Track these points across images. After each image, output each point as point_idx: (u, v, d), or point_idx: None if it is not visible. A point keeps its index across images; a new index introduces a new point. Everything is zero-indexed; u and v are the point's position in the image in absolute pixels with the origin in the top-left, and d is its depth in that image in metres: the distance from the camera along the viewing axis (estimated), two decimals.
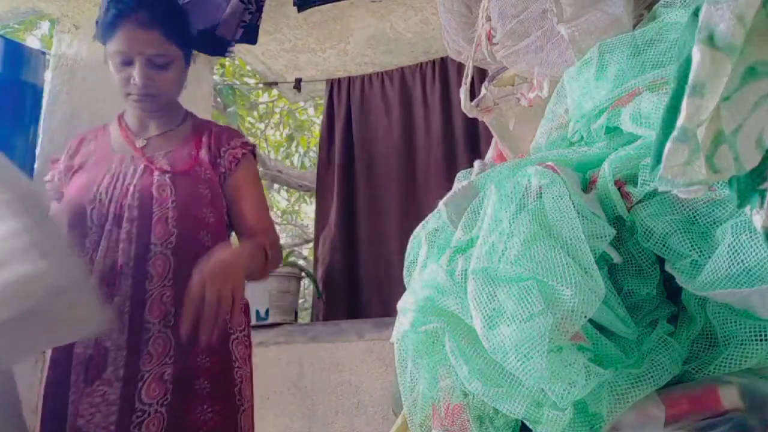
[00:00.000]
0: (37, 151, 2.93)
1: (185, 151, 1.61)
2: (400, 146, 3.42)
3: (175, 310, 1.44)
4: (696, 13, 0.67)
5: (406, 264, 1.06)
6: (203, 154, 1.61)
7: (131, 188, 1.52)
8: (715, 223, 0.79)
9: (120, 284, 1.45)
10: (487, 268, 0.81)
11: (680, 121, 0.63)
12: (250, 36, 2.46)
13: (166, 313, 1.45)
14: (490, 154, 1.61)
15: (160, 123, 1.65)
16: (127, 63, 1.53)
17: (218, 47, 2.46)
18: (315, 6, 2.47)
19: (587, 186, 0.92)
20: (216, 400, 1.46)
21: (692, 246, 0.79)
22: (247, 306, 1.64)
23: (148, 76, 1.53)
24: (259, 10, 2.45)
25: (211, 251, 1.43)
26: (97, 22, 1.60)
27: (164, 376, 1.41)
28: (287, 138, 5.66)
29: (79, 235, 1.50)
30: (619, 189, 0.87)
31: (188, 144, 1.63)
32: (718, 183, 0.76)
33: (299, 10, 2.46)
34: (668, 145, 0.64)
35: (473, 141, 3.23)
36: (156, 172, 1.54)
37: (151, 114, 1.62)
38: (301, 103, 5.27)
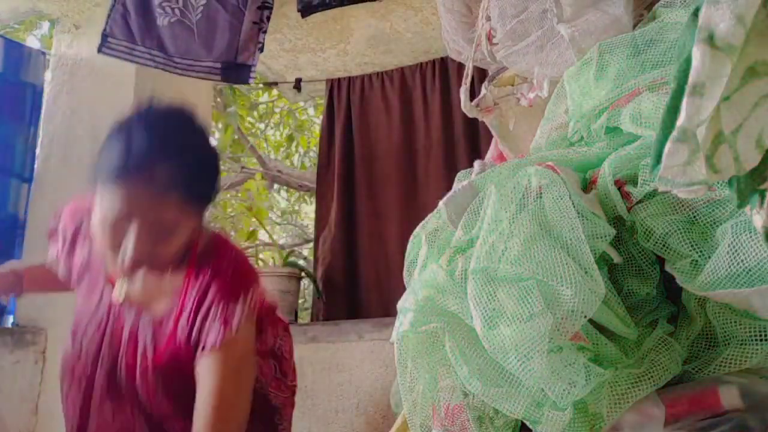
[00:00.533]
0: (37, 151, 2.93)
1: (169, 327, 1.28)
2: (400, 146, 3.42)
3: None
4: (696, 13, 0.67)
5: (406, 264, 1.06)
6: (183, 323, 1.27)
7: (119, 373, 1.30)
8: (715, 223, 0.79)
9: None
10: (487, 268, 0.81)
11: (680, 121, 0.63)
12: (261, 48, 2.50)
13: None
14: (490, 154, 1.61)
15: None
16: (114, 222, 1.21)
17: (242, 74, 2.49)
18: (318, 11, 2.48)
19: (587, 186, 0.92)
20: None
21: (692, 246, 0.79)
22: (294, 385, 1.53)
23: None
24: (267, 21, 2.49)
25: None
26: None
27: None
28: (287, 138, 5.65)
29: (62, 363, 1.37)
30: (619, 189, 0.87)
31: (174, 299, 1.29)
32: (718, 183, 0.76)
33: (303, 16, 2.48)
34: (668, 145, 0.64)
35: (473, 141, 3.23)
36: (140, 362, 1.28)
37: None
38: (301, 103, 5.26)
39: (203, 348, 1.23)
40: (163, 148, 1.15)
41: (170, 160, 1.14)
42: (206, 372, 1.23)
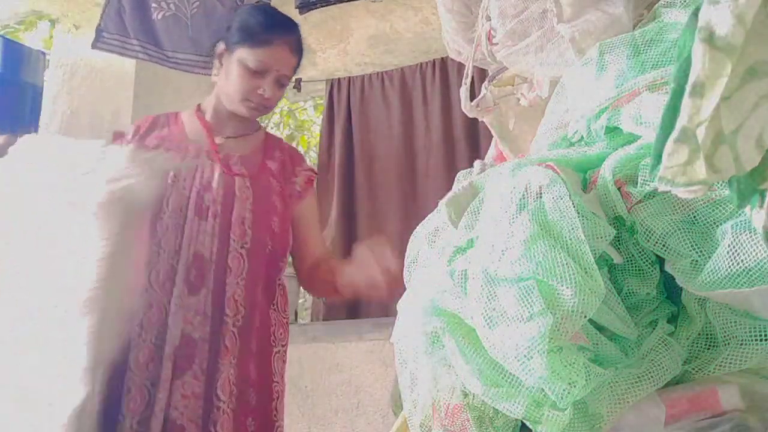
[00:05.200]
0: None
1: (257, 158, 1.66)
2: (400, 146, 3.42)
3: (245, 310, 1.50)
4: (696, 13, 0.67)
5: (406, 264, 1.06)
6: (274, 166, 1.67)
7: (214, 184, 1.55)
8: (715, 223, 0.79)
9: (204, 277, 1.49)
10: (487, 268, 0.81)
11: (680, 121, 0.63)
12: None
13: (237, 311, 1.50)
14: (490, 154, 1.61)
15: (238, 126, 1.68)
16: (260, 75, 1.59)
17: None
18: (316, 8, 2.48)
19: (587, 186, 0.92)
20: (258, 413, 1.51)
21: (692, 246, 0.79)
22: (288, 321, 1.67)
23: (274, 91, 1.62)
24: None
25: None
26: (237, 28, 1.63)
27: (230, 377, 1.46)
28: (287, 138, 5.66)
29: (149, 216, 1.49)
30: (619, 189, 0.87)
31: (259, 153, 1.68)
32: (718, 183, 0.76)
33: (301, 12, 2.47)
34: (668, 145, 0.64)
35: (473, 141, 3.23)
36: (237, 177, 1.59)
37: (240, 118, 1.66)
38: (301, 103, 5.27)
39: (308, 182, 1.71)
40: (293, 26, 1.69)
41: (298, 36, 1.68)
42: (309, 208, 1.71)
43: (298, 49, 1.66)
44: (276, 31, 1.62)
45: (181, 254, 1.49)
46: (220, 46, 1.64)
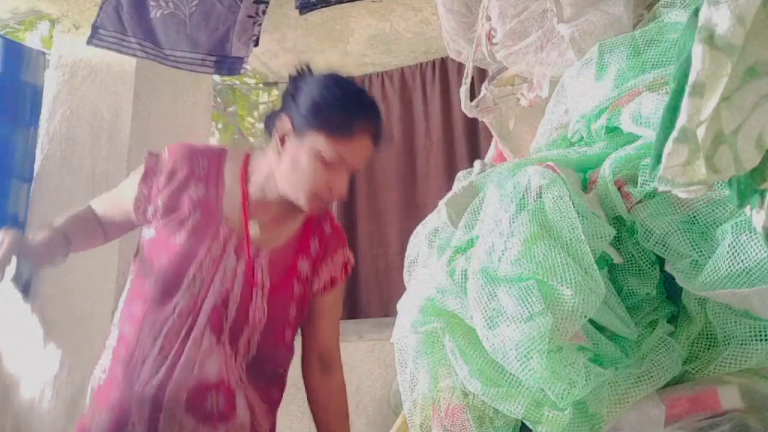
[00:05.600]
0: (37, 151, 2.93)
1: (287, 255, 1.47)
2: (400, 146, 3.42)
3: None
4: (696, 13, 0.67)
5: (406, 264, 1.06)
6: (303, 266, 1.49)
7: (231, 296, 1.41)
8: (715, 223, 0.79)
9: (218, 404, 1.39)
10: (487, 268, 0.81)
11: (680, 121, 0.63)
12: (256, 41, 2.49)
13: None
14: (490, 154, 1.61)
15: (284, 211, 1.46)
16: (334, 166, 1.36)
17: (235, 66, 2.48)
18: (316, 8, 2.48)
19: (587, 186, 0.92)
20: None
21: (692, 246, 0.79)
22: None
23: (346, 184, 1.41)
24: (263, 14, 2.48)
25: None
26: (311, 110, 1.36)
27: None
28: None
29: (160, 310, 1.39)
30: (619, 189, 0.87)
31: (293, 245, 1.49)
32: (718, 183, 0.76)
33: (301, 13, 2.47)
34: (668, 145, 0.64)
35: (473, 141, 3.23)
36: (255, 288, 1.42)
37: (290, 203, 1.44)
38: None
39: (331, 282, 1.53)
40: (379, 113, 1.46)
41: (380, 122, 1.45)
42: (331, 310, 1.56)
43: (379, 137, 1.43)
44: (362, 120, 1.37)
45: (186, 373, 1.38)
46: (285, 123, 1.37)
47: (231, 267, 1.41)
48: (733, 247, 0.74)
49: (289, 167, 1.38)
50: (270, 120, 1.44)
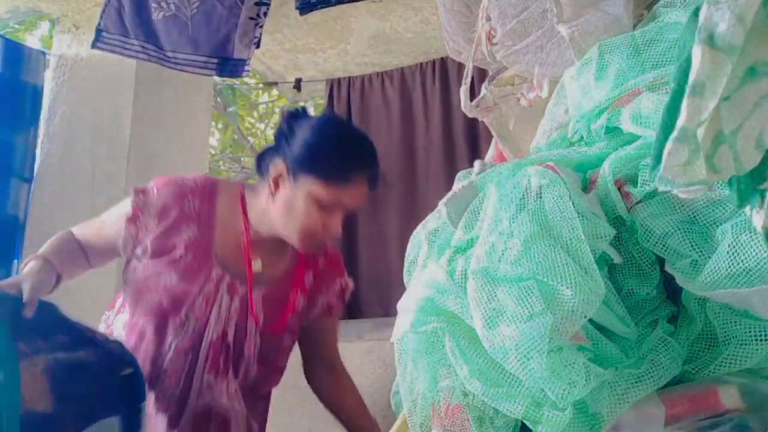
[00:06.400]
0: (37, 151, 2.93)
1: (282, 289, 1.47)
2: (400, 146, 3.42)
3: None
4: (696, 13, 0.67)
5: (406, 264, 1.06)
6: (299, 299, 1.49)
7: (227, 335, 1.41)
8: (715, 223, 0.79)
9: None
10: (487, 268, 0.81)
11: (680, 121, 0.63)
12: (258, 43, 2.49)
13: None
14: (490, 154, 1.61)
15: (276, 244, 1.44)
16: (330, 210, 1.35)
17: (237, 68, 2.48)
18: (316, 8, 2.48)
19: (587, 186, 0.92)
20: None
21: (692, 246, 0.79)
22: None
23: (340, 226, 1.40)
24: (265, 16, 2.48)
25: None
26: (307, 155, 1.34)
27: None
28: None
29: (155, 349, 1.40)
30: (619, 189, 0.87)
31: (287, 281, 1.48)
32: (718, 183, 0.76)
33: (301, 13, 2.47)
34: (668, 145, 0.64)
35: (473, 141, 3.23)
36: (251, 325, 1.43)
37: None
38: (301, 103, 5.27)
39: (328, 309, 1.55)
40: (376, 157, 1.45)
41: (377, 167, 1.44)
42: (331, 328, 1.59)
43: (376, 181, 1.42)
44: (359, 165, 1.37)
45: (188, 404, 1.40)
46: (279, 164, 1.35)
47: (225, 307, 1.40)
48: (733, 247, 0.74)
49: (283, 209, 1.36)
50: (263, 159, 1.42)
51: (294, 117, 1.41)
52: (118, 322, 1.47)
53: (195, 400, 1.39)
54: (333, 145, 1.36)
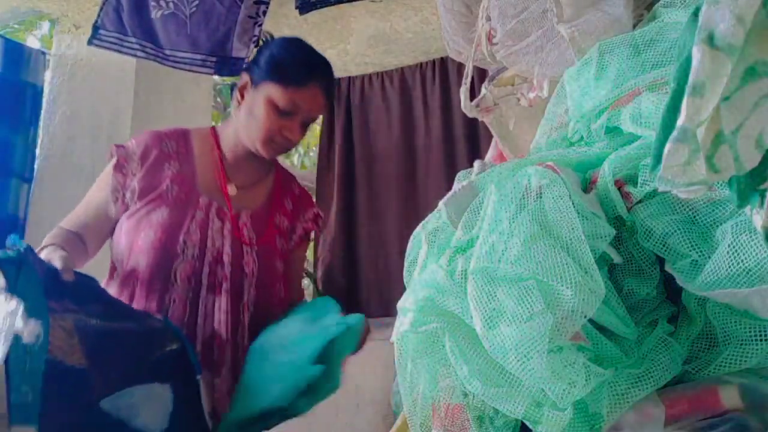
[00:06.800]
0: (37, 151, 2.93)
1: (266, 213, 1.60)
2: (400, 146, 3.42)
3: None
4: (696, 13, 0.67)
5: (406, 264, 1.06)
6: (281, 221, 1.62)
7: (225, 257, 1.49)
8: (715, 223, 0.79)
9: (224, 356, 1.46)
10: (487, 268, 0.81)
11: (680, 121, 0.63)
12: (257, 42, 2.49)
13: None
14: (490, 154, 1.61)
15: (254, 170, 1.61)
16: (288, 115, 1.50)
17: (235, 67, 2.49)
18: (316, 8, 2.48)
19: (587, 186, 0.92)
20: None
21: (692, 246, 0.79)
22: None
23: (300, 133, 1.55)
24: (264, 15, 2.48)
25: None
26: (267, 63, 1.52)
27: None
28: None
29: (158, 284, 1.45)
30: (619, 189, 0.87)
31: (269, 203, 1.62)
32: (718, 183, 0.76)
33: (301, 13, 2.47)
34: (668, 145, 0.64)
35: (473, 141, 3.22)
36: (245, 245, 1.53)
37: (257, 158, 1.58)
38: None
39: (305, 234, 1.68)
40: (330, 69, 1.59)
41: (331, 78, 1.59)
42: (303, 255, 1.74)
43: (330, 92, 1.58)
44: (311, 71, 1.52)
45: (197, 332, 1.45)
46: (243, 78, 1.54)
47: (218, 229, 1.51)
48: (733, 247, 0.74)
49: (245, 116, 1.53)
50: (235, 86, 1.57)
51: (264, 43, 1.62)
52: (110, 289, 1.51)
53: (203, 326, 1.46)
54: (290, 52, 1.54)
